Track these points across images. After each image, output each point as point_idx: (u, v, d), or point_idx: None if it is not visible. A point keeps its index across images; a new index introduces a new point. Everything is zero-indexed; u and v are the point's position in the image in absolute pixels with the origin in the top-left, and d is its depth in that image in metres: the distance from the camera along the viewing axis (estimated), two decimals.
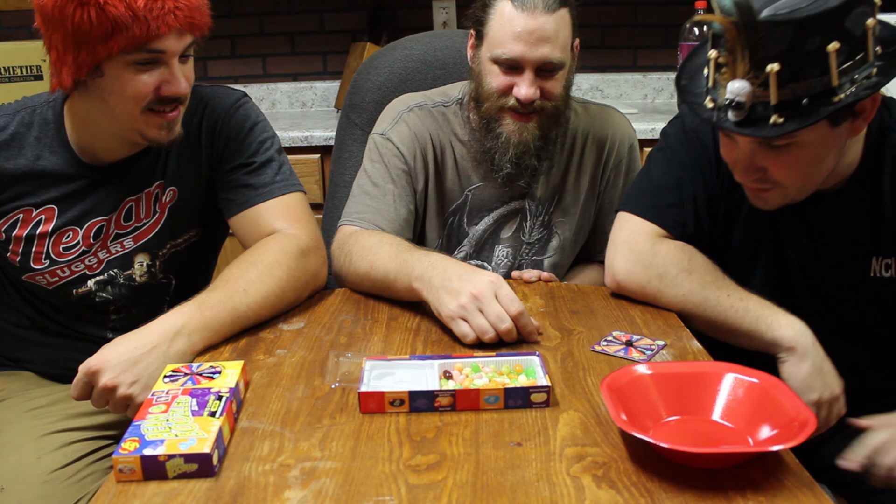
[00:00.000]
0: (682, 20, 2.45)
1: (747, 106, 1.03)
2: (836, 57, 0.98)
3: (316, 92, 2.91)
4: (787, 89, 1.01)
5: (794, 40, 0.98)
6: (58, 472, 1.19)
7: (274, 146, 1.38)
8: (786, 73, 1.00)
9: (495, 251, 1.57)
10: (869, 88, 1.01)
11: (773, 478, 0.82)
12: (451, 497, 0.80)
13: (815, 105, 1.01)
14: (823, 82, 1.00)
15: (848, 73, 1.01)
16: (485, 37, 1.41)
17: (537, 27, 1.34)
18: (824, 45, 0.98)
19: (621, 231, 1.30)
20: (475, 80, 1.45)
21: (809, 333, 1.14)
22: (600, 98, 2.84)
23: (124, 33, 1.10)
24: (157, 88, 1.17)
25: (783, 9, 0.98)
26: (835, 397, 1.12)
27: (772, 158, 1.10)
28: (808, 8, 0.97)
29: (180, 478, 0.84)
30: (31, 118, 1.28)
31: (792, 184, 1.14)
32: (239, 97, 1.38)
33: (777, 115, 1.02)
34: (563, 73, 1.41)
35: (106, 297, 1.34)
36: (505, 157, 1.44)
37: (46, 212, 1.28)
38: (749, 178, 1.14)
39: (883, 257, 1.22)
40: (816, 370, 1.12)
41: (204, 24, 1.19)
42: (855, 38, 1.00)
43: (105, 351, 1.07)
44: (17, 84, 2.38)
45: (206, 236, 1.41)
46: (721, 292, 1.19)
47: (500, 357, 1.06)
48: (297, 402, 0.99)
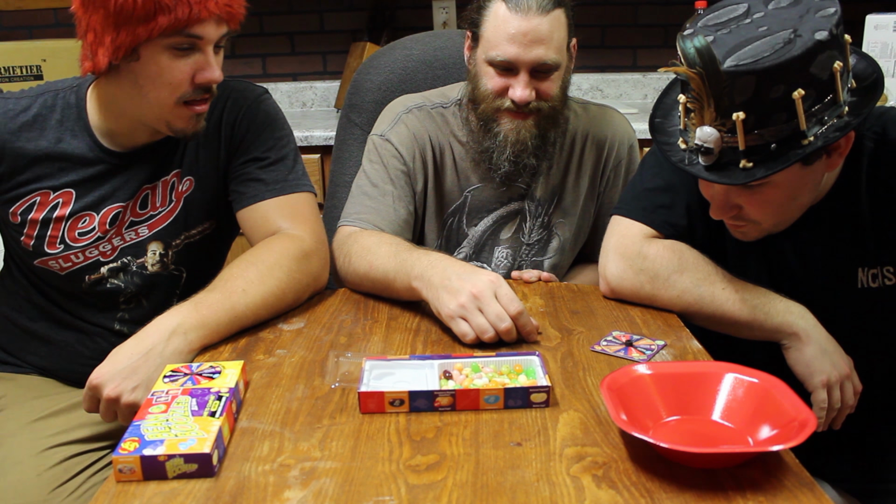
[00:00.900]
0: (682, 20, 2.42)
1: (716, 151, 1.03)
2: (803, 102, 0.98)
3: (316, 92, 2.91)
4: (754, 135, 1.01)
5: (757, 89, 0.98)
6: (59, 490, 1.19)
7: (290, 145, 1.39)
8: (752, 120, 1.00)
9: (495, 252, 1.56)
10: (839, 130, 1.01)
11: (773, 478, 0.82)
12: (451, 497, 0.80)
13: (784, 149, 1.01)
14: (791, 127, 1.00)
15: (817, 116, 1.01)
16: (480, 38, 1.41)
17: (531, 28, 1.34)
18: (789, 93, 0.98)
19: (612, 235, 1.31)
20: (472, 82, 1.45)
21: (810, 315, 1.14)
22: (600, 98, 2.84)
23: (167, 14, 1.12)
24: (192, 76, 1.19)
25: (746, 58, 0.98)
26: (845, 375, 1.12)
27: (746, 197, 1.10)
28: (770, 57, 0.97)
29: (180, 478, 0.84)
30: (55, 101, 1.29)
31: (767, 220, 1.15)
32: (262, 92, 1.39)
33: (746, 161, 1.02)
34: (559, 74, 1.41)
35: (117, 285, 1.34)
36: (503, 155, 1.44)
37: (64, 195, 1.28)
38: (724, 216, 1.14)
39: (868, 268, 1.22)
40: (821, 351, 1.12)
41: (239, 15, 1.21)
42: (822, 82, 1.00)
43: (104, 364, 1.07)
44: (16, 84, 2.39)
45: (220, 230, 1.41)
46: (715, 287, 1.19)
47: (500, 357, 1.06)
48: (297, 402, 0.99)
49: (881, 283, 1.22)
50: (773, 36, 0.99)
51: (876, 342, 1.24)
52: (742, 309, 1.17)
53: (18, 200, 1.28)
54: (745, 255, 1.26)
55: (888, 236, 1.19)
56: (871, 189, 1.18)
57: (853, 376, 1.14)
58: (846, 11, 1.05)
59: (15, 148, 1.26)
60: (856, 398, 1.14)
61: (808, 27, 0.99)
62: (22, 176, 1.27)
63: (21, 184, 1.28)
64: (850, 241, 1.21)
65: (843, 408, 1.14)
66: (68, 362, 1.36)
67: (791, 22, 1.01)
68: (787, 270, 1.26)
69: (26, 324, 1.39)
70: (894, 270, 1.21)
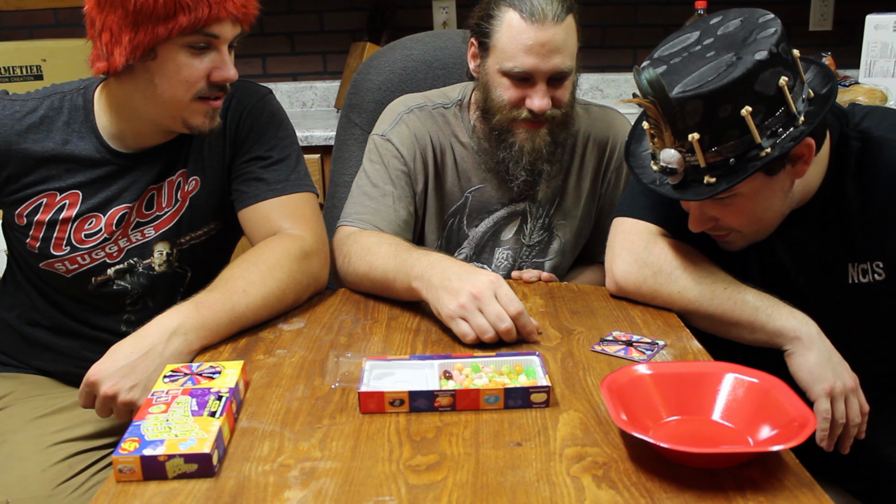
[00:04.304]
0: (682, 20, 2.45)
1: (681, 171, 1.11)
2: (753, 118, 1.05)
3: (316, 92, 2.91)
4: (712, 153, 1.08)
5: (706, 111, 1.05)
6: (63, 486, 1.19)
7: (293, 145, 1.39)
8: (706, 139, 1.07)
9: (495, 253, 1.56)
10: (793, 140, 1.07)
11: (773, 478, 0.82)
12: (451, 497, 0.80)
13: (742, 162, 1.08)
14: (746, 142, 1.07)
15: (771, 128, 1.07)
16: (492, 48, 1.39)
17: (548, 39, 1.33)
18: (737, 111, 1.04)
19: (617, 234, 1.32)
20: (483, 92, 1.44)
21: (813, 324, 1.14)
22: (600, 98, 2.84)
23: (187, 14, 1.13)
24: (208, 74, 1.20)
25: (692, 85, 1.06)
26: (849, 389, 1.11)
27: (720, 209, 1.16)
28: (713, 81, 1.04)
29: (180, 478, 0.84)
30: (62, 103, 1.29)
31: (745, 227, 1.19)
32: (266, 92, 1.39)
33: (708, 176, 1.09)
34: (571, 79, 1.41)
35: (124, 287, 1.34)
36: (519, 166, 1.43)
37: (71, 197, 1.28)
38: (703, 228, 1.19)
39: (858, 263, 1.23)
40: (825, 359, 1.11)
41: (252, 17, 1.23)
42: (769, 97, 1.06)
43: (102, 360, 1.07)
44: (17, 84, 2.38)
45: (225, 230, 1.41)
46: (717, 286, 1.20)
47: (500, 357, 1.06)
48: (297, 403, 0.99)
49: (871, 278, 1.23)
50: (717, 61, 1.07)
51: (866, 338, 1.25)
52: (743, 310, 1.17)
53: (25, 202, 1.28)
54: (745, 253, 1.27)
55: (877, 232, 1.20)
56: (859, 186, 1.20)
57: (859, 393, 1.12)
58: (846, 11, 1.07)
59: (21, 149, 1.26)
60: (863, 419, 1.13)
61: (749, 49, 1.06)
62: (28, 177, 1.27)
63: (27, 185, 1.28)
64: (840, 237, 1.23)
65: (849, 425, 1.12)
66: (74, 367, 1.36)
67: (735, 46, 1.08)
68: (780, 268, 1.28)
69: (29, 330, 1.39)
70: (883, 266, 1.22)
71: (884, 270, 1.22)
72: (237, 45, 1.24)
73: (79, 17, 1.21)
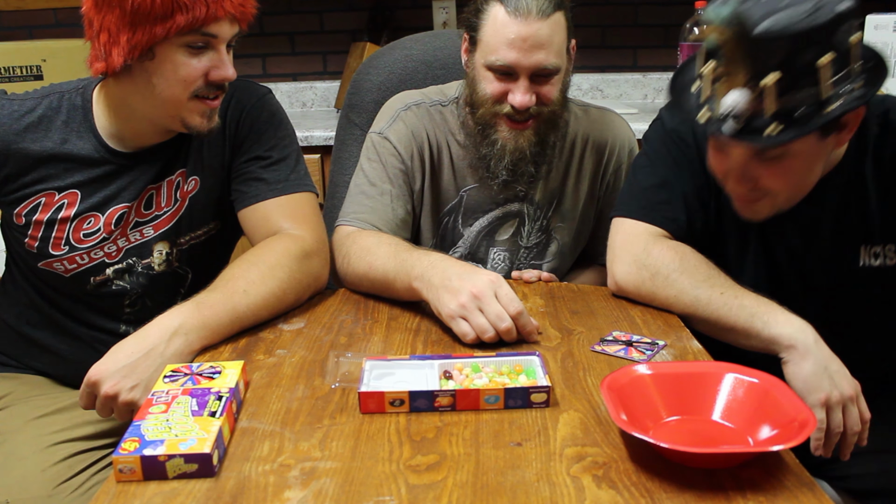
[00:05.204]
0: (682, 20, 2.45)
1: (744, 117, 1.06)
2: (827, 70, 1.02)
3: (316, 92, 2.91)
4: (782, 100, 1.04)
5: (788, 53, 1.01)
6: (63, 486, 1.19)
7: (293, 145, 1.39)
8: (782, 83, 1.03)
9: (490, 254, 1.56)
10: (857, 100, 1.05)
11: (773, 478, 0.82)
12: (451, 497, 0.80)
13: (807, 116, 1.04)
14: (814, 94, 1.04)
15: (837, 86, 1.04)
16: (478, 42, 1.39)
17: (531, 33, 1.33)
18: (816, 59, 1.02)
19: (616, 235, 1.32)
20: (470, 86, 1.44)
21: (811, 331, 1.11)
22: (600, 98, 2.84)
23: (185, 14, 1.13)
24: (206, 74, 1.20)
25: (779, 23, 1.01)
26: (847, 398, 1.07)
27: (764, 169, 1.13)
28: (802, 22, 1.01)
29: (180, 478, 0.84)
30: (60, 103, 1.29)
31: (783, 191, 1.17)
32: (265, 92, 1.39)
33: (772, 125, 1.05)
34: (560, 77, 1.40)
35: (123, 286, 1.34)
36: (500, 164, 1.43)
37: (69, 196, 1.28)
38: (742, 188, 1.16)
39: (872, 246, 1.23)
40: (821, 369, 1.07)
41: (250, 16, 1.23)
42: (842, 52, 1.03)
43: (103, 360, 1.07)
44: (16, 84, 2.38)
45: (225, 230, 1.41)
46: (713, 290, 1.18)
47: (500, 357, 1.06)
48: (297, 403, 0.99)
49: (883, 261, 1.23)
50: (799, 5, 1.02)
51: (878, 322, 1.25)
52: (739, 315, 1.14)
53: (24, 201, 1.28)
54: (745, 243, 1.27)
55: (893, 214, 1.21)
56: (877, 170, 1.21)
57: (860, 401, 1.08)
58: None
59: (20, 149, 1.26)
60: (864, 427, 1.09)
61: None
62: (27, 177, 1.27)
63: (26, 185, 1.28)
64: (853, 219, 1.23)
65: (848, 434, 1.08)
66: (73, 369, 1.36)
67: None
68: (789, 251, 1.26)
69: (28, 331, 1.39)
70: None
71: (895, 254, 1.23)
72: (236, 45, 1.24)
73: (79, 18, 1.21)
